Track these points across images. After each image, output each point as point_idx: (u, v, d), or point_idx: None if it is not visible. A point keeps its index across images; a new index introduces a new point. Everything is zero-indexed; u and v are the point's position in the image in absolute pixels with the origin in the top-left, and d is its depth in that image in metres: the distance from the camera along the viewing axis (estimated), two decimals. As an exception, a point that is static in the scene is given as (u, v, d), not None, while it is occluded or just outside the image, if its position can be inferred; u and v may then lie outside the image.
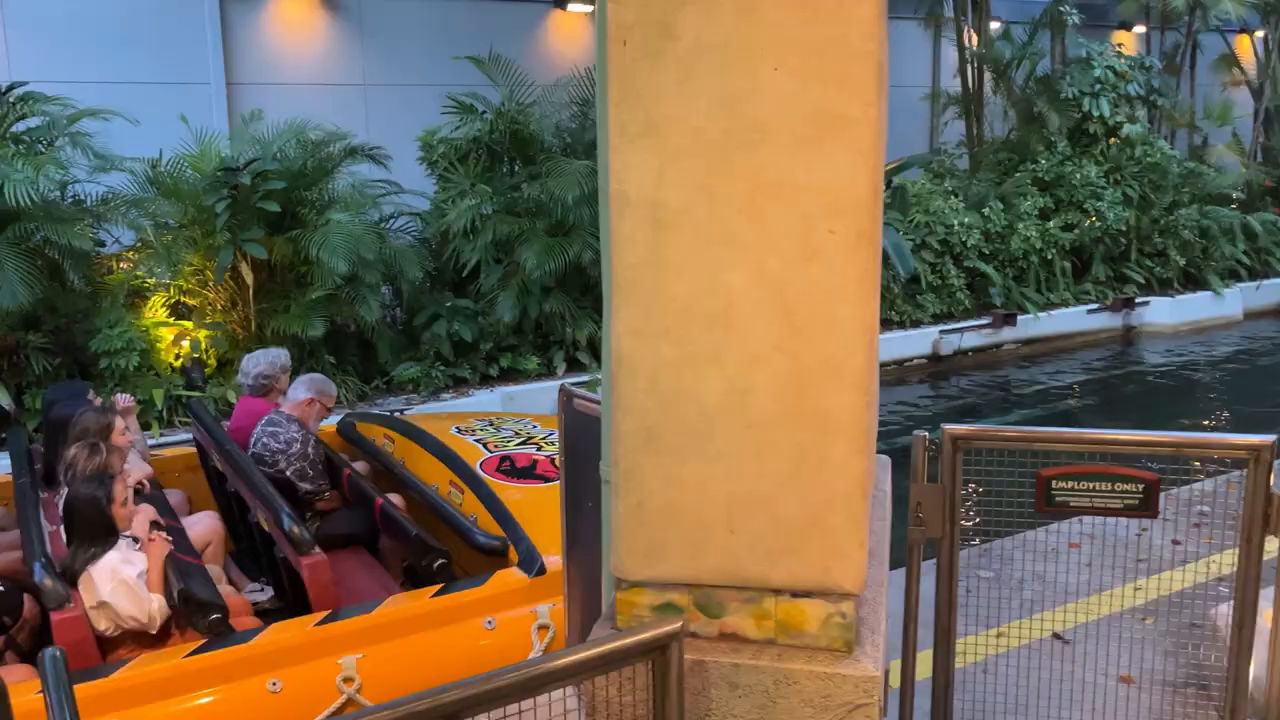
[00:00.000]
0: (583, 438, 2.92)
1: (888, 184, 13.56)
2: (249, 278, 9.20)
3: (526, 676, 1.80)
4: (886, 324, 13.16)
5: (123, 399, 5.71)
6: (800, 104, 1.90)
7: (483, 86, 10.97)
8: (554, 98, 10.83)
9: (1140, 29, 18.77)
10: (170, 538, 4.35)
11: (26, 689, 3.41)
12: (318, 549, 4.29)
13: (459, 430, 6.12)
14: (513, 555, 4.56)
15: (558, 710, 1.95)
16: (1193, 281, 15.77)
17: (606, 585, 2.52)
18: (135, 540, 4.21)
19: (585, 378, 9.98)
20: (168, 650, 3.90)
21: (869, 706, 2.01)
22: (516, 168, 10.95)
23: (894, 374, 12.67)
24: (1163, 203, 15.33)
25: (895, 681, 3.33)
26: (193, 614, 4.04)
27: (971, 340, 13.56)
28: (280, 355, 6.05)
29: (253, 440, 5.39)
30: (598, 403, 2.63)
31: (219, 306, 9.44)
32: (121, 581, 4.01)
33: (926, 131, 17.37)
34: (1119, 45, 17.18)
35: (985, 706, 3.62)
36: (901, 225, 13.19)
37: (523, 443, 5.88)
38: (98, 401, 5.54)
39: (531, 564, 4.42)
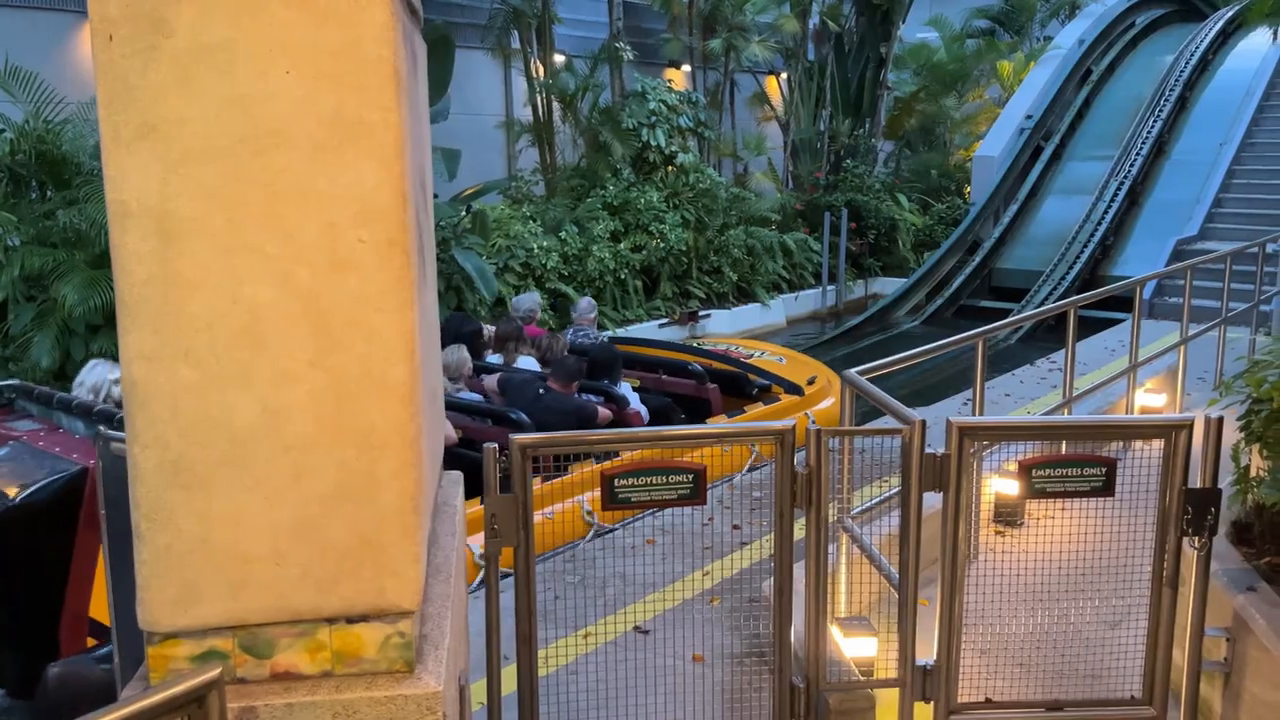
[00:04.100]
0: (127, 486, 2.62)
1: (467, 209, 13.77)
2: None
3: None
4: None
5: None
6: (317, 109, 1.82)
7: (1, 102, 9.64)
8: (92, 115, 9.76)
9: (687, 68, 20.71)
10: None
11: None
12: None
13: None
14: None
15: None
16: (744, 294, 17.59)
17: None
18: None
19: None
20: None
21: (434, 724, 1.96)
22: (49, 193, 9.73)
23: (486, 395, 12.85)
24: (715, 225, 16.97)
25: (484, 698, 3.32)
26: None
27: (557, 358, 14.09)
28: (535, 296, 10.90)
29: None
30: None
31: None
32: None
33: (504, 158, 17.88)
34: (670, 81, 18.82)
35: (573, 708, 3.71)
36: (483, 249, 13.43)
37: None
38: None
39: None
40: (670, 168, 16.76)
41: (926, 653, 3.38)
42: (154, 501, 1.88)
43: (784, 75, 22.14)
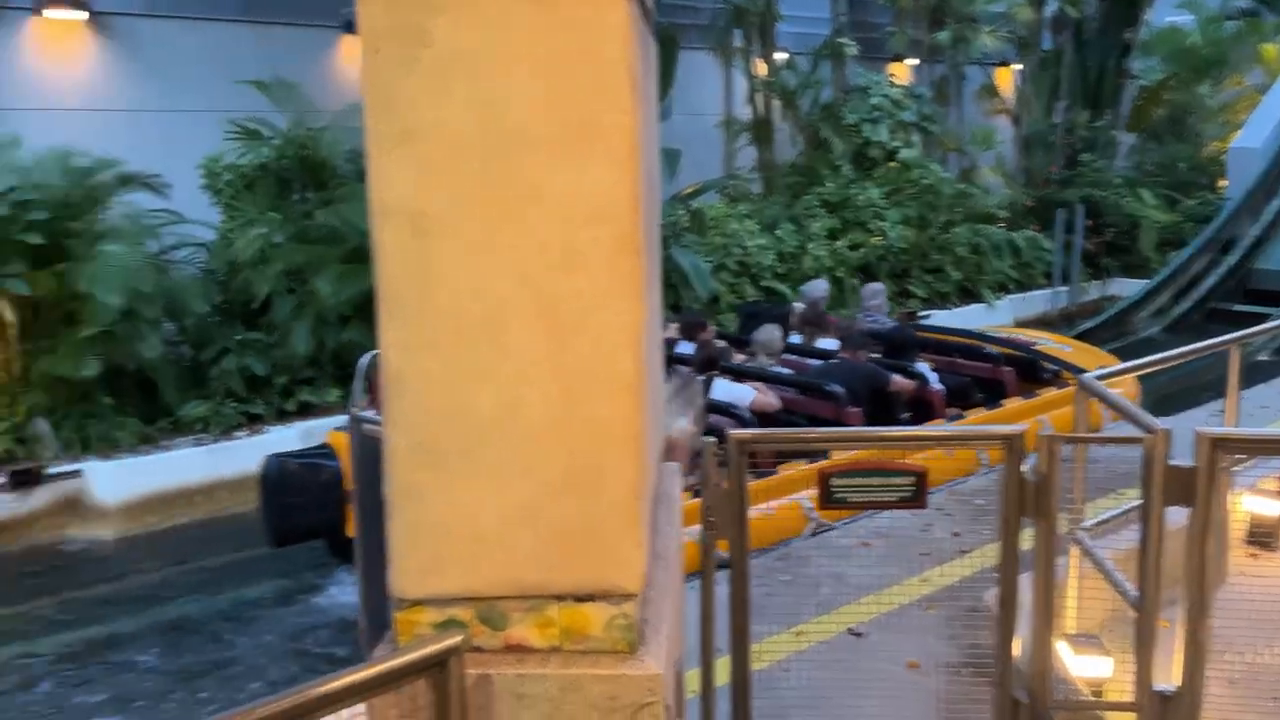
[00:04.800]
0: (376, 464, 2.85)
1: (686, 208, 13.96)
2: (9, 315, 8.49)
3: (297, 703, 1.72)
4: (690, 344, 13.46)
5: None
6: (557, 111, 1.91)
7: (269, 112, 10.59)
8: (347, 123, 10.53)
9: (912, 61, 20.11)
10: None
11: None
12: None
13: None
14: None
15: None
16: (968, 294, 16.92)
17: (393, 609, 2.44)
18: None
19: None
20: None
21: (654, 705, 2.02)
22: (309, 195, 10.61)
23: (699, 392, 13.01)
24: (938, 222, 16.42)
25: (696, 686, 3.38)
26: None
27: (771, 356, 14.07)
28: (824, 282, 11.13)
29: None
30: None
31: (-23, 348, 8.69)
32: None
33: (721, 157, 17.96)
34: (893, 75, 18.35)
35: (784, 704, 3.72)
36: (700, 248, 13.57)
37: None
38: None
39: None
40: (892, 163, 16.34)
41: (1164, 678, 3.16)
42: (405, 480, 2.03)
43: (1016, 66, 21.11)
